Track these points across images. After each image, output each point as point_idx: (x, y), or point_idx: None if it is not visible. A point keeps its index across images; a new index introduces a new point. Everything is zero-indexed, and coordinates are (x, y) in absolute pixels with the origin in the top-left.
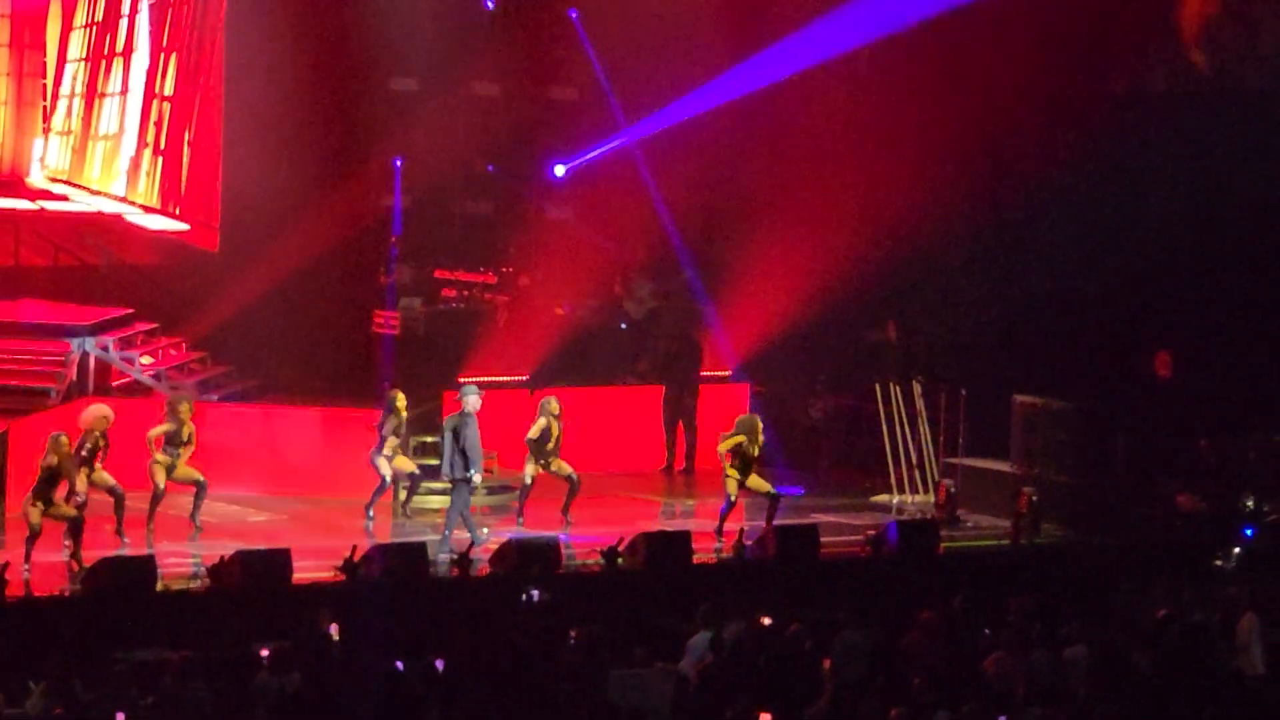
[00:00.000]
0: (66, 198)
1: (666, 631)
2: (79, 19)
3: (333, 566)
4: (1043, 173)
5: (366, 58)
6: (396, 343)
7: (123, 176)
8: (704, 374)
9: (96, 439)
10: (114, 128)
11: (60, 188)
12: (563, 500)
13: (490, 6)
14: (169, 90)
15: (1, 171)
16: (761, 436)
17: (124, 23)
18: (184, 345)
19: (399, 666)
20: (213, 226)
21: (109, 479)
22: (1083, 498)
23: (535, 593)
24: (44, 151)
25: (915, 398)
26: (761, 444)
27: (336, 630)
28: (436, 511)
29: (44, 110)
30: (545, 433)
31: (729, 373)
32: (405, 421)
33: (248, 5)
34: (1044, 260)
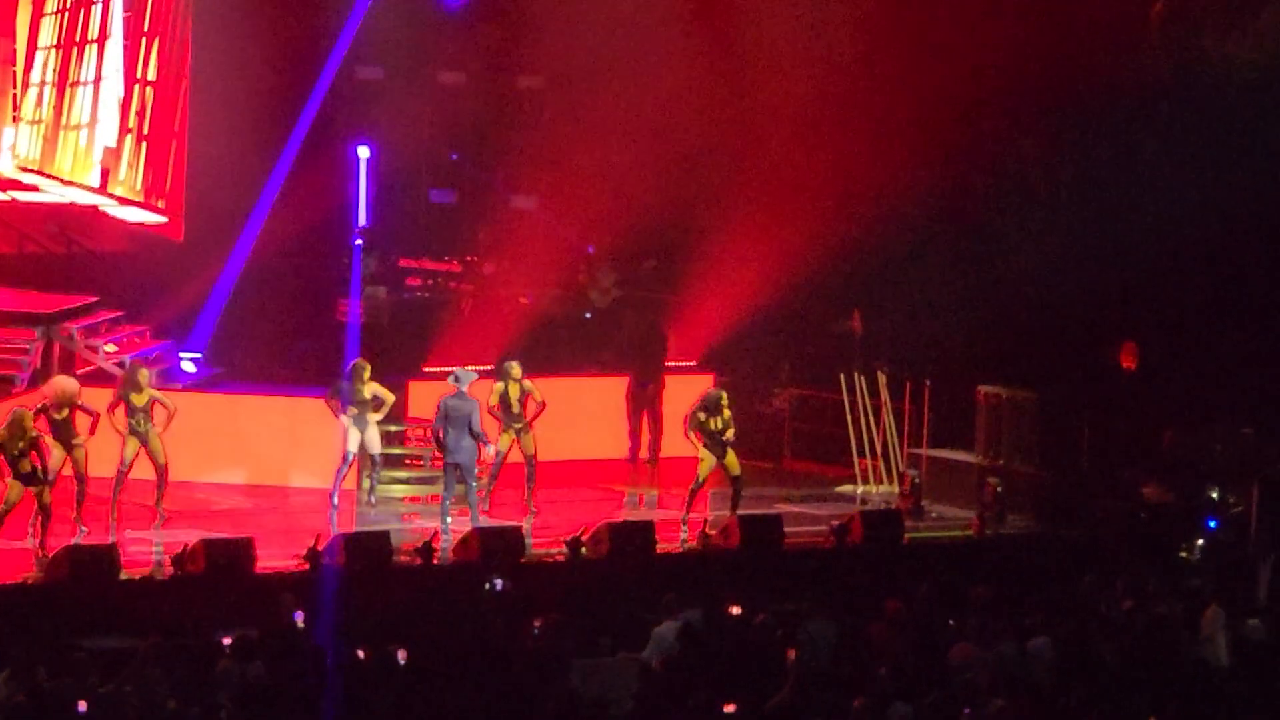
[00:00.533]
0: (37, 188)
1: (630, 621)
2: (50, 5)
3: (296, 555)
4: (1010, 164)
5: (332, 46)
6: (361, 331)
7: (97, 168)
8: (669, 363)
9: (56, 414)
10: (86, 117)
11: (30, 177)
12: (524, 489)
13: (453, 8)
14: (152, 75)
15: None
16: (727, 410)
17: (97, 9)
18: (148, 333)
19: (360, 655)
20: (178, 215)
21: (82, 462)
22: (1047, 489)
23: (499, 582)
24: (14, 140)
25: (880, 388)
26: (728, 418)
27: (302, 618)
28: (400, 500)
29: (13, 98)
30: (504, 398)
31: (694, 362)
32: (362, 393)
33: None
34: (1009, 251)
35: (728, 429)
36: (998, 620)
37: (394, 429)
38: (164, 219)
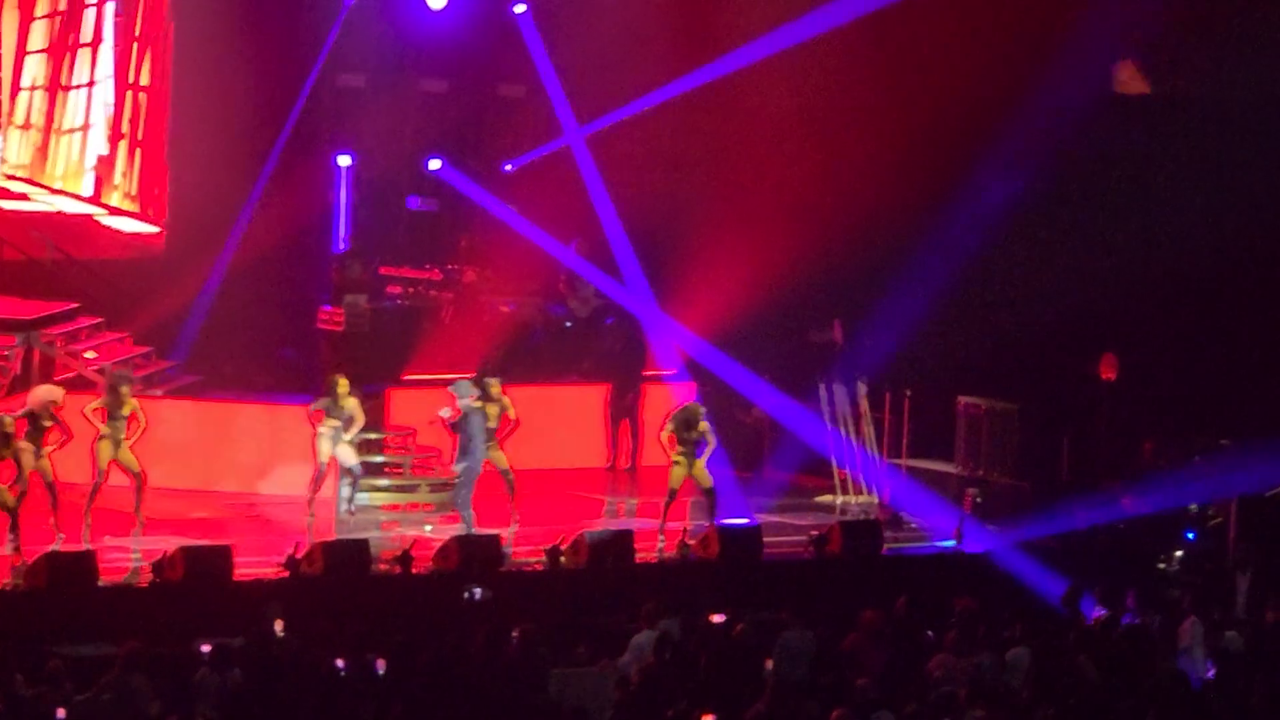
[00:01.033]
0: (26, 196)
1: (608, 630)
2: (40, 9)
3: (275, 563)
4: (989, 174)
5: (314, 53)
6: (341, 339)
7: (90, 174)
8: (648, 373)
9: (42, 420)
10: (80, 121)
11: (20, 186)
12: (504, 498)
13: (439, 5)
14: (145, 80)
15: None
16: (703, 423)
17: (90, 13)
18: (129, 340)
19: (339, 665)
20: (160, 222)
21: (49, 471)
22: (1026, 499)
23: (478, 591)
24: (3, 147)
25: (859, 398)
26: (703, 430)
27: (282, 627)
28: (379, 508)
29: (2, 104)
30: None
31: (673, 372)
32: (342, 407)
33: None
34: (988, 261)
35: (706, 439)
36: (976, 631)
37: (373, 436)
38: (156, 229)
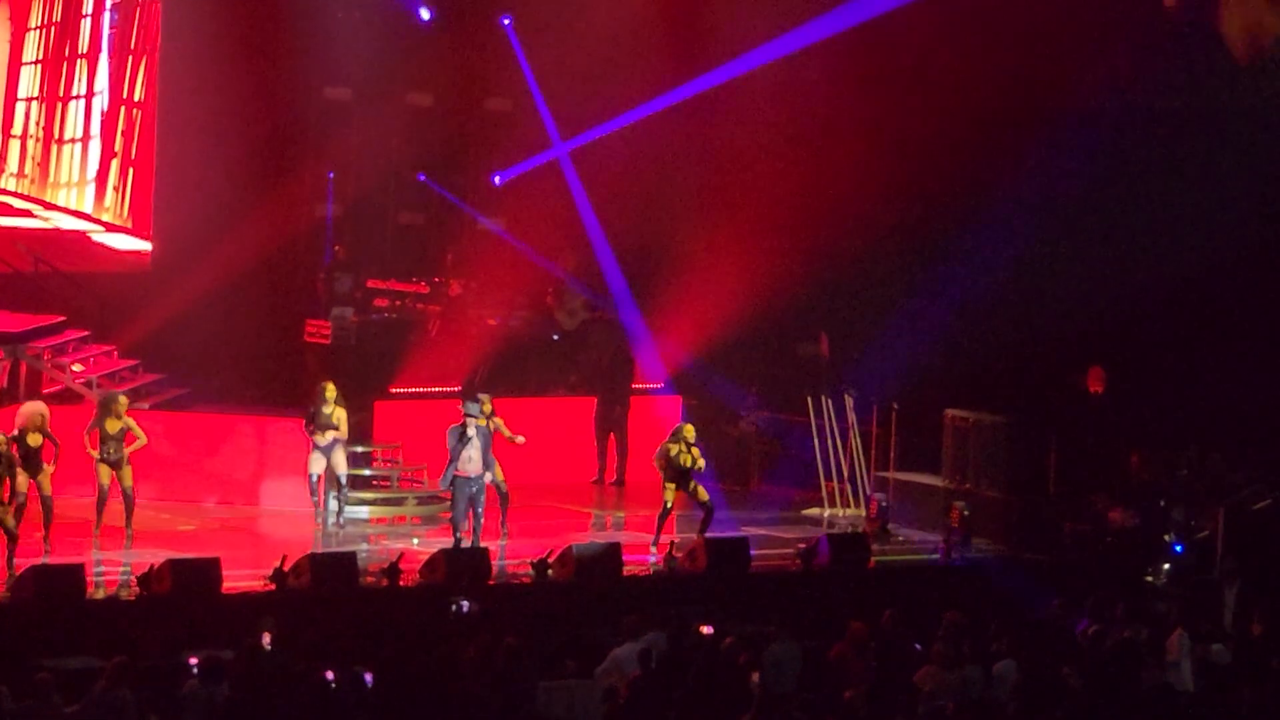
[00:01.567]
0: (30, 214)
1: (596, 643)
2: (34, 20)
3: (263, 576)
4: (976, 188)
5: (300, 67)
6: (328, 352)
7: (90, 187)
8: (635, 386)
9: (30, 438)
10: (79, 133)
11: (21, 203)
12: (496, 511)
13: (426, 19)
14: (139, 96)
15: None
16: (694, 446)
17: (86, 24)
18: (116, 353)
19: (329, 677)
20: (148, 235)
21: (46, 487)
22: (1014, 512)
23: (465, 603)
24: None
25: (847, 411)
26: (696, 454)
27: (269, 639)
28: (367, 521)
29: None
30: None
31: (660, 385)
32: (326, 414)
33: (182, 13)
34: (975, 275)
35: (696, 463)
36: (963, 644)
37: (361, 449)
38: (148, 244)
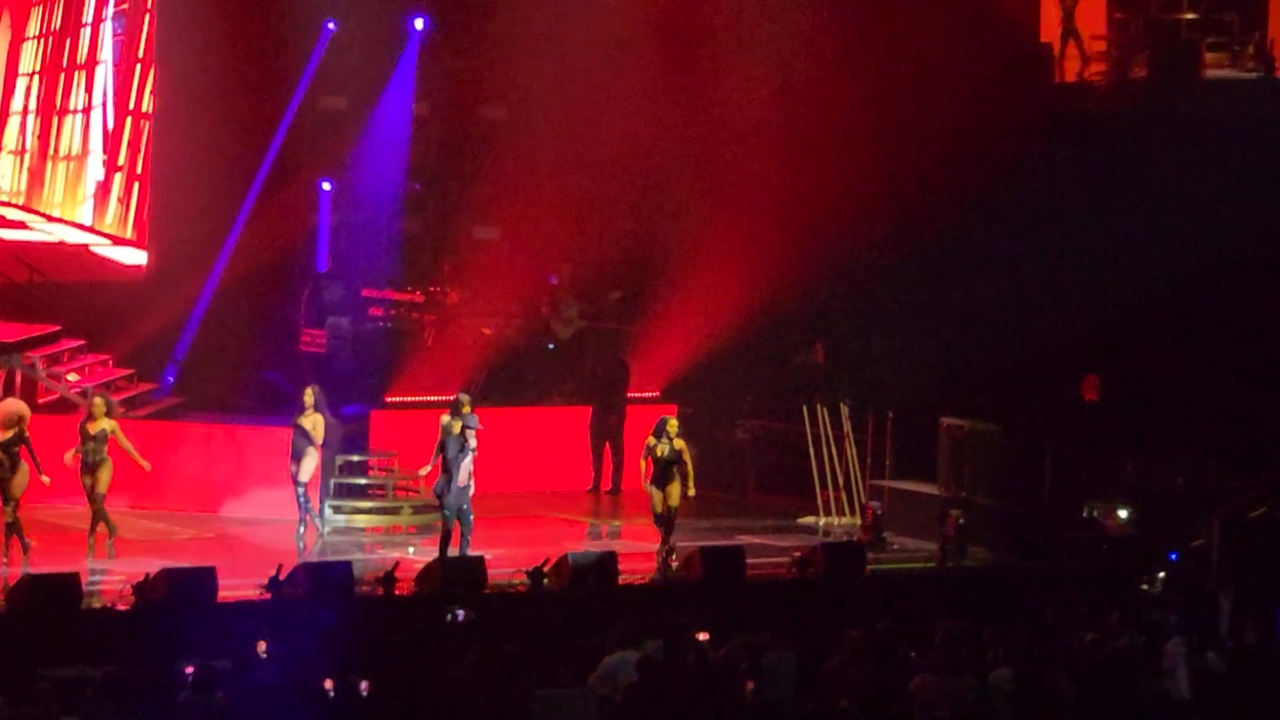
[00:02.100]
0: (23, 224)
1: (591, 652)
2: (31, 29)
3: (258, 585)
4: (972, 197)
5: (295, 76)
6: (323, 361)
7: (89, 202)
8: (631, 395)
9: (10, 439)
10: (77, 148)
11: (13, 213)
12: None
13: (420, 28)
14: (147, 106)
15: None
16: (676, 439)
17: (86, 32)
18: (111, 362)
19: (326, 686)
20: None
21: (22, 489)
22: (1009, 521)
23: (460, 612)
24: None
25: (842, 419)
26: (676, 447)
27: (263, 648)
28: (363, 530)
29: None
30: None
31: (656, 394)
32: (316, 421)
33: (177, 23)
34: (971, 282)
35: (675, 459)
36: (959, 652)
37: (355, 459)
38: (144, 255)
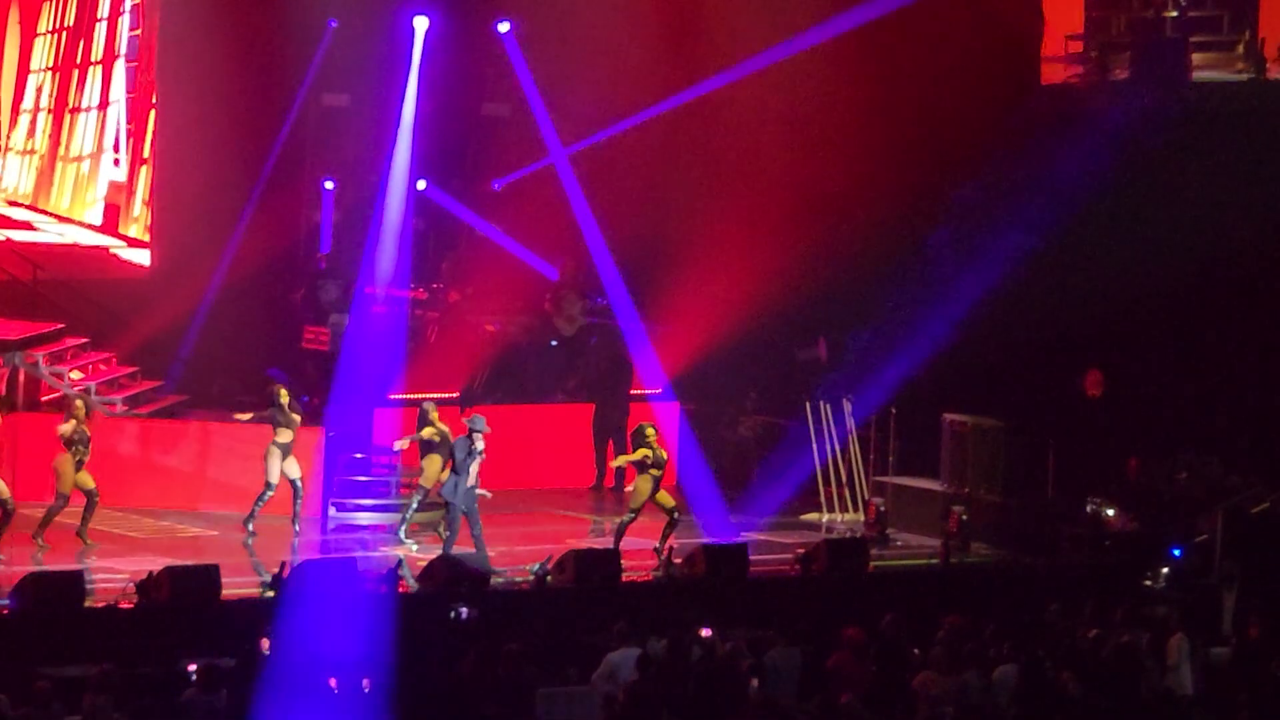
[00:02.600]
0: (30, 225)
1: (595, 650)
2: (44, 24)
3: (261, 583)
4: (975, 193)
5: (298, 73)
6: (326, 359)
7: (100, 203)
8: (634, 392)
9: None
10: (90, 147)
11: (22, 213)
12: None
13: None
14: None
15: None
16: (657, 446)
17: (101, 27)
18: (114, 360)
19: (331, 684)
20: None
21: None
22: (1012, 517)
23: (464, 610)
24: (1, 172)
25: (845, 416)
26: (659, 453)
27: (266, 645)
28: (365, 528)
29: (1, 126)
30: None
31: (659, 391)
32: (292, 418)
33: (180, 20)
34: (974, 278)
35: (655, 463)
36: (963, 649)
37: (358, 456)
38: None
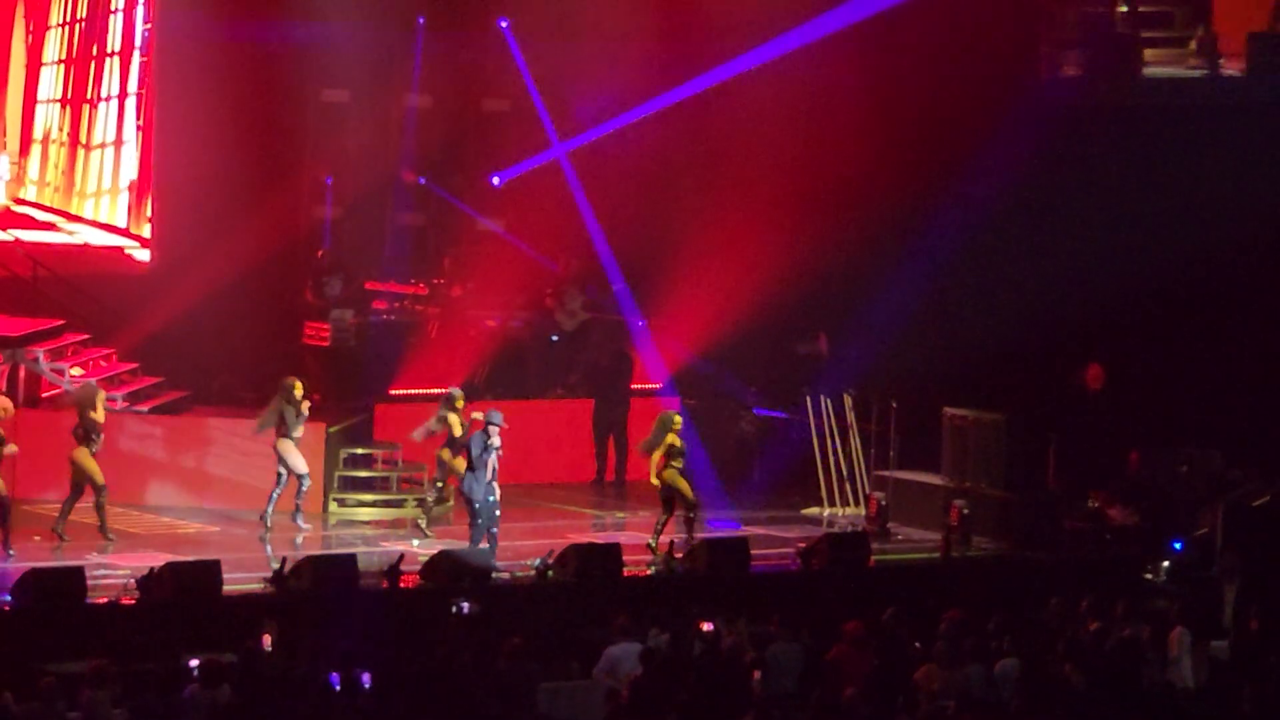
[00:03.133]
0: (54, 226)
1: (596, 644)
2: (55, 17)
3: (263, 578)
4: (976, 187)
5: (298, 69)
6: (327, 354)
7: (124, 195)
8: (635, 387)
9: None
10: (110, 137)
11: (46, 215)
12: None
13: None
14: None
15: None
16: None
17: (117, 19)
18: (115, 356)
19: (333, 679)
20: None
21: (2, 486)
22: (1013, 511)
23: (465, 605)
24: (12, 167)
25: (846, 410)
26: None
27: (269, 641)
28: (366, 524)
29: (8, 120)
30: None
31: (659, 386)
32: (302, 412)
33: (178, 15)
34: (974, 272)
35: (680, 453)
36: (964, 642)
37: (360, 451)
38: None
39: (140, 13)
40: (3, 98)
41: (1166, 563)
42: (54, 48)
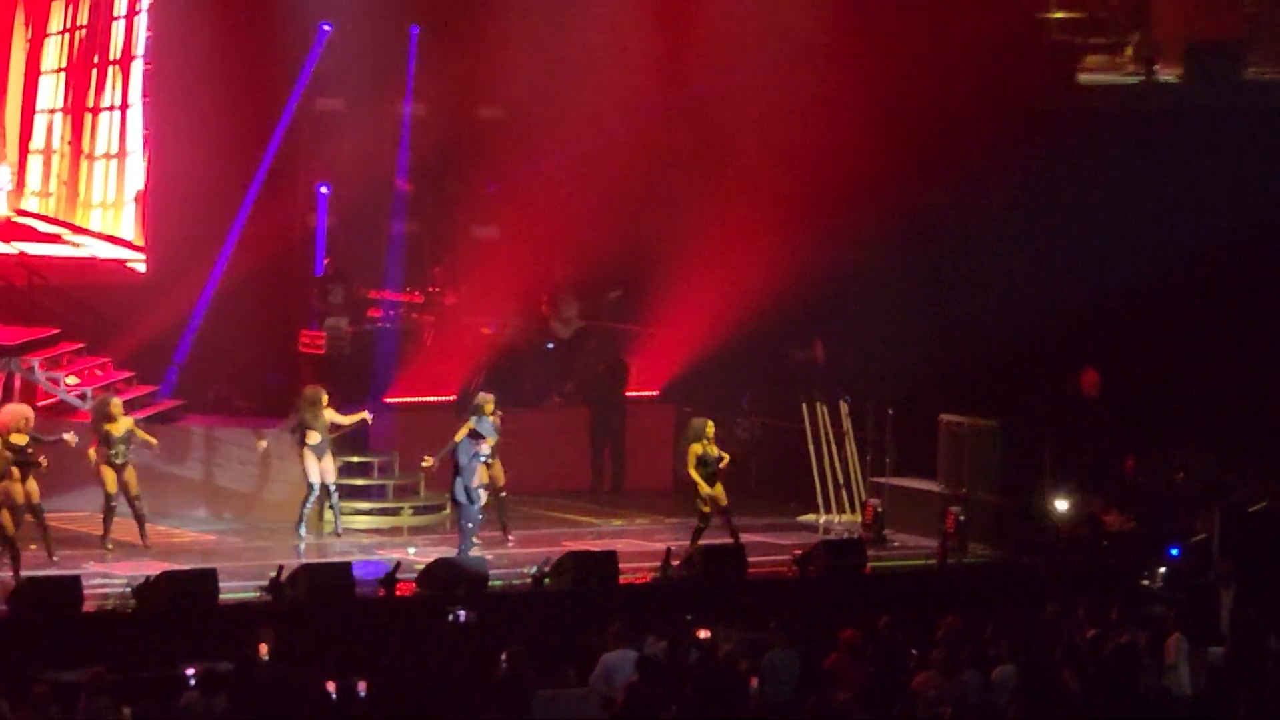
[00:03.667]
0: (58, 239)
1: (593, 652)
2: (55, 24)
3: (259, 587)
4: (970, 193)
5: (292, 77)
6: (323, 362)
7: (130, 207)
8: (630, 394)
9: (21, 437)
10: (113, 148)
11: (48, 227)
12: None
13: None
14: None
15: None
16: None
17: (119, 27)
18: (110, 365)
19: (329, 688)
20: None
21: (35, 494)
22: (1009, 517)
23: (462, 613)
24: (11, 177)
25: (842, 417)
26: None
27: (265, 650)
28: (364, 532)
29: (7, 130)
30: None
31: (655, 393)
32: (324, 421)
33: (171, 23)
34: (969, 279)
35: (722, 459)
36: (962, 649)
37: (356, 460)
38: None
39: (143, 20)
40: (1, 107)
41: (1163, 568)
42: (53, 55)
